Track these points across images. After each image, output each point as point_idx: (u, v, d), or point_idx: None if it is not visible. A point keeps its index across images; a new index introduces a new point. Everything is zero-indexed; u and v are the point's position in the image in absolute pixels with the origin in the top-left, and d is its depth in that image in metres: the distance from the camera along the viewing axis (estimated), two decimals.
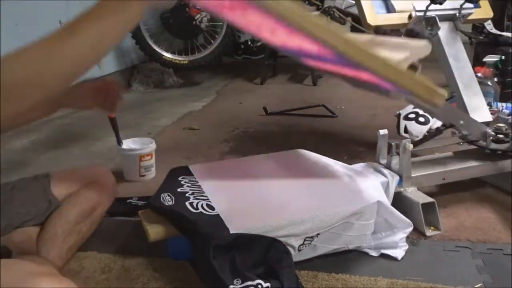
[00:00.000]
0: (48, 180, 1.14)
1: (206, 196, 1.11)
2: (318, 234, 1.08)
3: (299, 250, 1.08)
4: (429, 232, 1.26)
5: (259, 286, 0.97)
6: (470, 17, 1.66)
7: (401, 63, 0.90)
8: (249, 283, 0.96)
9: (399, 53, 0.93)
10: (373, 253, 1.17)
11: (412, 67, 0.94)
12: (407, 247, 1.17)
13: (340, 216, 1.08)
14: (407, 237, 1.22)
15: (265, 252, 1.02)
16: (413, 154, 1.35)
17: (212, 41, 3.42)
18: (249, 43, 4.66)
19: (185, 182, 1.18)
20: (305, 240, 1.07)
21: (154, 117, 2.53)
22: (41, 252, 1.06)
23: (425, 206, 1.26)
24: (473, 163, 1.43)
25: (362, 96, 2.92)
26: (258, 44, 4.66)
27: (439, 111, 1.24)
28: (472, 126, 1.22)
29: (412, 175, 1.31)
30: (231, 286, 0.96)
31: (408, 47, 0.95)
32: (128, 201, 1.44)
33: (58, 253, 1.07)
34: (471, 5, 1.61)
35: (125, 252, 1.17)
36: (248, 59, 4.65)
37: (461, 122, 1.25)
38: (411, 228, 1.18)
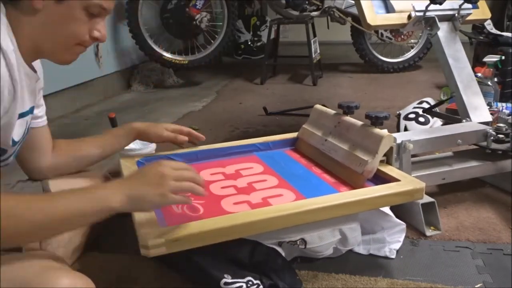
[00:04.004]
0: (46, 181, 1.13)
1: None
2: (302, 239, 1.07)
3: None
4: (429, 232, 1.26)
5: (250, 282, 0.98)
6: (468, 18, 1.66)
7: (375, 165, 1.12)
8: (239, 279, 0.97)
9: (373, 158, 1.11)
10: (363, 251, 1.18)
11: (381, 161, 1.15)
12: (397, 247, 1.17)
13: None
14: (407, 237, 1.22)
15: (250, 255, 1.02)
16: (413, 154, 1.35)
17: (212, 41, 3.42)
18: (249, 43, 4.67)
19: None
20: (288, 243, 1.07)
21: (154, 117, 2.53)
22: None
23: (425, 206, 1.26)
24: (473, 163, 1.43)
25: (362, 96, 2.93)
26: (258, 44, 4.68)
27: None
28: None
29: (412, 175, 1.31)
30: (223, 280, 0.96)
31: (378, 148, 1.11)
32: None
33: (64, 252, 1.06)
34: (469, 6, 1.62)
35: (125, 252, 1.17)
36: (248, 59, 4.67)
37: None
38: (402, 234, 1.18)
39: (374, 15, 1.57)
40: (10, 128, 0.87)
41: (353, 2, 3.13)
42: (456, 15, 1.61)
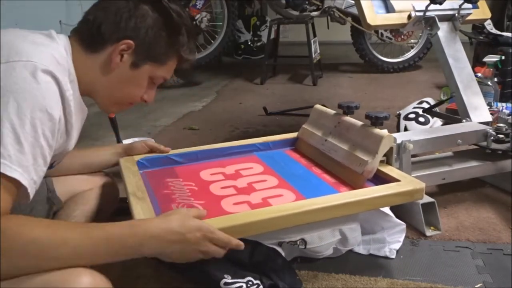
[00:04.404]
0: (50, 179, 1.13)
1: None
2: (302, 239, 1.07)
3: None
4: (429, 232, 1.26)
5: (250, 282, 0.98)
6: (468, 18, 1.66)
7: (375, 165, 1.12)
8: (239, 280, 0.97)
9: (373, 158, 1.11)
10: (363, 251, 1.18)
11: (381, 161, 1.15)
12: (397, 247, 1.17)
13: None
14: (407, 237, 1.22)
15: (250, 255, 1.02)
16: (413, 154, 1.35)
17: (212, 41, 3.42)
18: (249, 43, 4.67)
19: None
20: (288, 243, 1.07)
21: (154, 117, 2.54)
22: None
23: (425, 206, 1.26)
24: (473, 163, 1.43)
25: (362, 96, 2.93)
26: (258, 44, 4.68)
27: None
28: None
29: (412, 175, 1.31)
30: (224, 280, 0.96)
31: (378, 148, 1.11)
32: (127, 200, 1.43)
33: None
34: (470, 6, 1.62)
35: None
36: (248, 59, 4.67)
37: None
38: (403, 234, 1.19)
39: (374, 15, 1.57)
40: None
41: (353, 2, 3.13)
42: (456, 15, 1.61)
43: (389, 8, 1.61)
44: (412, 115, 1.97)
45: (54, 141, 0.78)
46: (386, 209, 1.16)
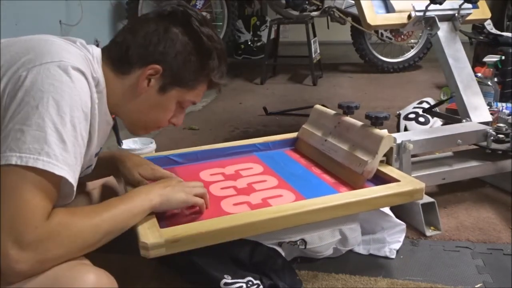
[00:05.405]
0: None
1: None
2: (302, 239, 1.07)
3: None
4: (429, 232, 1.26)
5: (250, 283, 0.98)
6: (468, 18, 1.66)
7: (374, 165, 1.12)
8: (239, 280, 0.97)
9: (373, 158, 1.11)
10: (363, 251, 1.18)
11: (381, 161, 1.15)
12: (397, 247, 1.17)
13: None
14: (407, 237, 1.22)
15: (250, 255, 1.03)
16: (413, 154, 1.35)
17: None
18: (249, 43, 4.67)
19: None
20: (288, 243, 1.07)
21: None
22: None
23: (425, 206, 1.26)
24: (473, 163, 1.43)
25: (362, 96, 2.93)
26: (258, 44, 4.68)
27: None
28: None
29: (412, 175, 1.31)
30: (224, 280, 0.96)
31: (378, 148, 1.12)
32: None
33: None
34: (469, 6, 1.62)
35: (125, 252, 1.17)
36: (248, 59, 4.66)
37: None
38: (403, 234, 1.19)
39: (374, 15, 1.57)
40: (91, 162, 0.97)
41: (353, 2, 3.13)
42: (456, 15, 1.61)
43: (389, 8, 1.61)
44: (412, 115, 1.97)
45: (86, 141, 0.79)
46: (386, 209, 1.16)
